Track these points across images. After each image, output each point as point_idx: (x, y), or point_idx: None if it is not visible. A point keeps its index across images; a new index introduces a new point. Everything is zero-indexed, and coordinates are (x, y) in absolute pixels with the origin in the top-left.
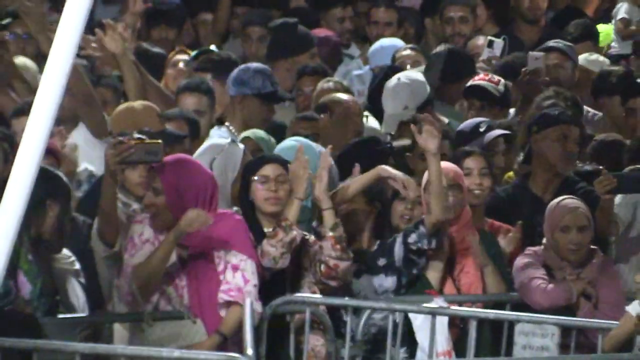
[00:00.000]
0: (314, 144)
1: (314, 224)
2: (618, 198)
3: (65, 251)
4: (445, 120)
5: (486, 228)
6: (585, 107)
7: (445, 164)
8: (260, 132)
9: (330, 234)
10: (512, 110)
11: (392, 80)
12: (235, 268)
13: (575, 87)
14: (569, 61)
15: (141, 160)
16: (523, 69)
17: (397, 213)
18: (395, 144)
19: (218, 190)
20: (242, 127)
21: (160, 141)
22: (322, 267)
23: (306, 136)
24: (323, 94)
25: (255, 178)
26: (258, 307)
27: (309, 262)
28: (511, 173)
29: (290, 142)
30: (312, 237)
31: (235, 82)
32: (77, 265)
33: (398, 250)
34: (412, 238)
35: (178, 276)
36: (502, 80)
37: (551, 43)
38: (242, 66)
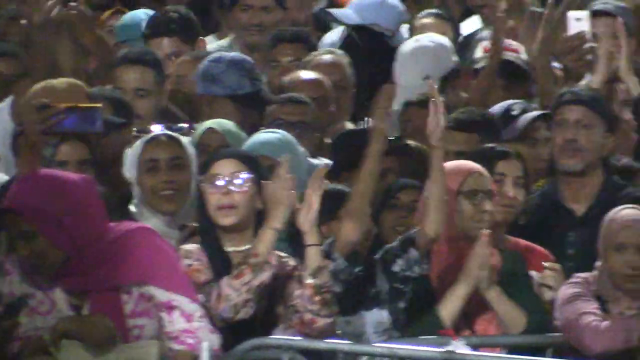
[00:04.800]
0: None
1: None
2: None
3: None
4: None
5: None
6: None
7: (469, 165)
8: (227, 123)
9: (310, 281)
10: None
11: (409, 44)
12: (169, 308)
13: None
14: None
15: (75, 130)
16: (563, 35)
17: (388, 224)
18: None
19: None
20: None
21: (100, 105)
22: (295, 317)
23: (291, 124)
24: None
25: (203, 179)
26: (215, 341)
27: (286, 298)
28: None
29: (267, 134)
30: (292, 261)
31: (203, 77)
32: None
33: (381, 280)
34: (399, 265)
35: None
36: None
37: (598, 5)
38: (213, 56)
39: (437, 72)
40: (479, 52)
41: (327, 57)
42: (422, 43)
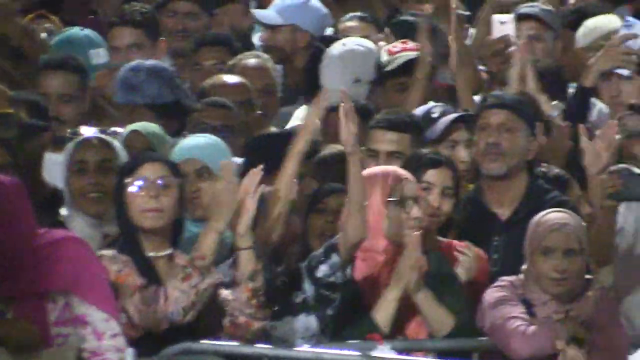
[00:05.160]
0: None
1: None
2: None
3: None
4: None
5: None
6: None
7: (397, 171)
8: (151, 126)
9: (249, 284)
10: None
11: (337, 47)
12: (83, 323)
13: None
14: (548, 31)
15: None
16: (486, 38)
17: (315, 228)
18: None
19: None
20: None
21: (12, 111)
22: (228, 321)
23: (214, 129)
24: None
25: (128, 182)
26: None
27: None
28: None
29: (196, 138)
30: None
31: (122, 86)
32: None
33: (307, 286)
34: (322, 271)
35: None
36: None
37: (523, 8)
38: (131, 65)
39: (367, 76)
40: (384, 56)
41: (253, 61)
42: (350, 47)
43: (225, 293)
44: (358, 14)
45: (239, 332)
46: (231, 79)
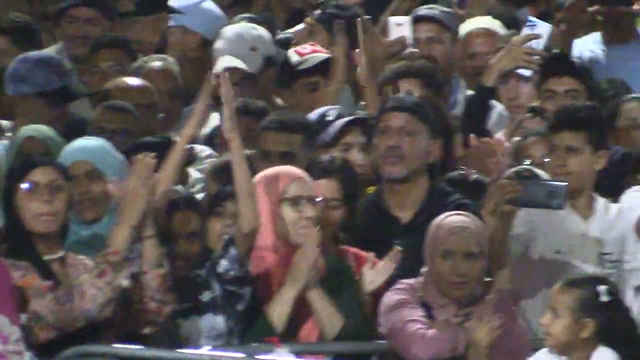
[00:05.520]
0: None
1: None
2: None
3: None
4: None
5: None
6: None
7: (292, 171)
8: (46, 130)
9: (157, 271)
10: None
11: (230, 29)
12: None
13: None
14: (447, 33)
15: None
16: (385, 39)
17: (215, 232)
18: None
19: None
20: None
21: None
22: (136, 308)
23: (113, 132)
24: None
25: (22, 186)
26: None
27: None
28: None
29: (84, 140)
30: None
31: (11, 78)
32: None
33: (215, 283)
34: (223, 266)
35: None
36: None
37: (422, 10)
38: (19, 57)
39: (263, 47)
40: (294, 56)
41: (158, 64)
42: (244, 29)
43: (125, 282)
44: (247, 15)
45: (151, 318)
46: (134, 81)
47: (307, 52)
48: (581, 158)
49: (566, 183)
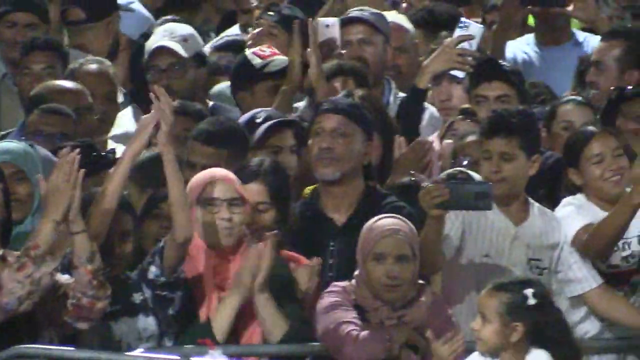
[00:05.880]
0: (44, 152)
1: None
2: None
3: None
4: None
5: None
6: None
7: (211, 173)
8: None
9: (87, 266)
10: (301, 104)
11: (163, 27)
12: None
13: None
14: (378, 35)
15: None
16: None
17: (151, 233)
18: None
19: None
20: None
21: None
22: (70, 304)
23: (51, 135)
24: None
25: None
26: None
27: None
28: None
29: (7, 143)
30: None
31: None
32: None
33: (145, 288)
34: (153, 272)
35: None
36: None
37: (352, 12)
38: None
39: (193, 42)
40: (255, 59)
41: (93, 67)
42: (176, 25)
43: (64, 278)
44: (171, 17)
45: (84, 314)
46: (68, 84)
47: (267, 55)
48: (515, 164)
49: (491, 183)
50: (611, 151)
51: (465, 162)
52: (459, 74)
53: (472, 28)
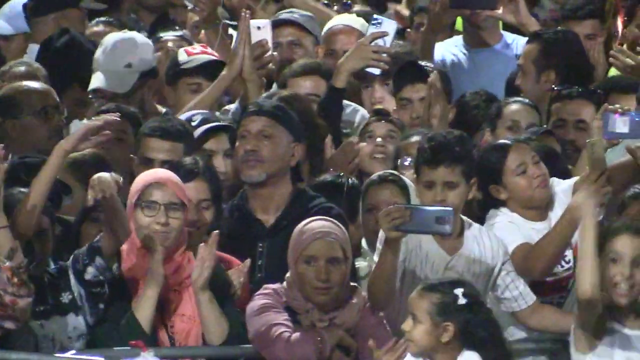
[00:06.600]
0: None
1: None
2: None
3: None
4: None
5: None
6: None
7: (151, 175)
8: None
9: (7, 263)
10: (231, 106)
11: (114, 35)
12: None
13: None
14: (308, 36)
15: None
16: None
17: (89, 236)
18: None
19: None
20: None
21: None
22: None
23: None
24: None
25: None
26: None
27: None
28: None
29: None
30: None
31: None
32: None
33: (76, 286)
34: (90, 274)
35: None
36: None
37: (283, 14)
38: None
39: (139, 64)
40: (182, 55)
41: (22, 69)
42: (130, 35)
43: None
44: (103, 18)
45: (7, 312)
46: (34, 84)
47: (195, 53)
48: (458, 191)
49: (452, 208)
50: (531, 159)
51: (407, 163)
52: (375, 71)
53: (385, 25)
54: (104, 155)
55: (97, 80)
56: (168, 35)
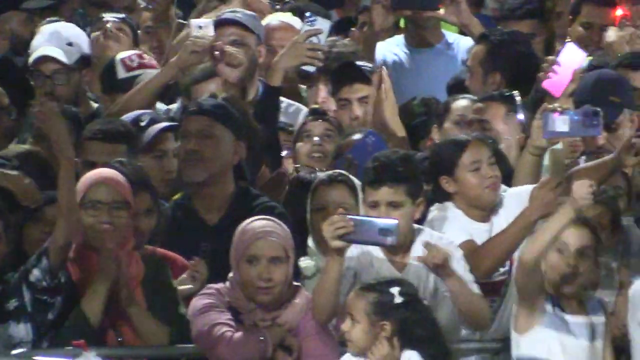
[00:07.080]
0: None
1: None
2: None
3: None
4: None
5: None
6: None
7: (96, 175)
8: None
9: None
10: (175, 106)
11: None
12: None
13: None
14: (251, 36)
15: None
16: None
17: (33, 237)
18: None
19: None
20: None
21: None
22: None
23: None
24: None
25: None
26: None
27: None
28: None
29: None
30: None
31: None
32: None
33: (25, 292)
34: (35, 275)
35: None
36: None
37: (226, 14)
38: None
39: (80, 45)
40: (119, 67)
41: None
42: (61, 26)
43: None
44: (55, 18)
45: None
46: None
47: (135, 67)
48: (403, 211)
49: (397, 221)
50: (486, 159)
51: (283, 154)
52: (310, 68)
53: (319, 22)
54: (41, 152)
55: (41, 50)
56: (109, 17)
